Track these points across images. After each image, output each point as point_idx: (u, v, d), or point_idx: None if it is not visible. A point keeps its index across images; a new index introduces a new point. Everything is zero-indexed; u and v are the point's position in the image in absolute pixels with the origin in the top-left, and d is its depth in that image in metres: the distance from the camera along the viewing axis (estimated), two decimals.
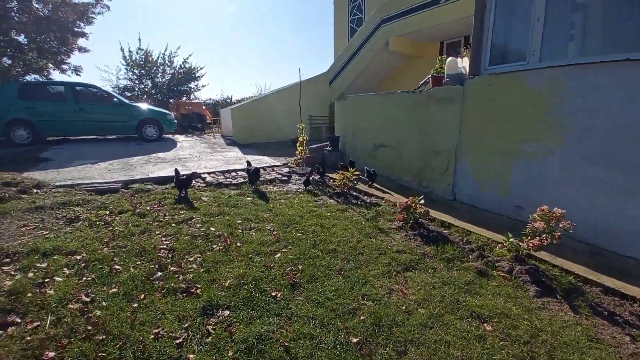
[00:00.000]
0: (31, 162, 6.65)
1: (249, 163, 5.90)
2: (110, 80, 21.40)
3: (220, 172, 6.26)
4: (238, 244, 3.26)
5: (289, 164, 7.10)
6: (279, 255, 3.10)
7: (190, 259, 2.92)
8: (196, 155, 8.20)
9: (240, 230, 3.61)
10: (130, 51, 19.56)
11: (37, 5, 14.30)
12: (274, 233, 3.60)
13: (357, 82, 11.65)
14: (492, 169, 4.63)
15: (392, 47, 9.78)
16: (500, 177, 4.52)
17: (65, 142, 9.49)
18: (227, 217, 3.96)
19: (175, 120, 10.90)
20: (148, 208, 4.21)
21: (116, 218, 3.81)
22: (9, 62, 15.62)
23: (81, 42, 16.45)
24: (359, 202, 5.09)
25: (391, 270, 2.97)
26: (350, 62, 11.46)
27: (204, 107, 17.97)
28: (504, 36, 4.81)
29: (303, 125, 6.81)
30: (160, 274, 2.62)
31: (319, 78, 12.33)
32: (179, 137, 11.77)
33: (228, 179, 5.82)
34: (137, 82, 20.21)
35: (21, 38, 14.90)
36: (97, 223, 3.60)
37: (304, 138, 6.76)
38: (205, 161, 7.43)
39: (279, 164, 7.15)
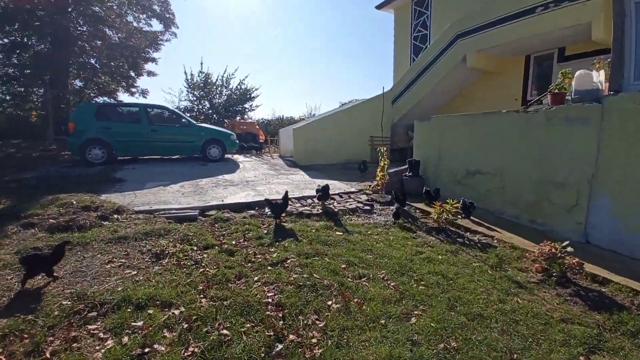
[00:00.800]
0: (107, 182, 6.62)
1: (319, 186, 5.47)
2: (173, 101, 22.44)
3: (295, 198, 5.75)
4: (356, 300, 2.62)
5: (366, 191, 6.44)
6: (414, 320, 2.40)
7: (308, 322, 2.31)
8: (262, 178, 7.84)
9: (350, 279, 2.97)
10: (192, 74, 20.46)
11: (109, 32, 15.32)
12: (392, 285, 2.92)
13: (424, 101, 10.88)
14: None
15: (471, 63, 8.96)
16: None
17: (135, 161, 9.64)
18: (327, 260, 3.35)
19: (237, 141, 10.78)
20: (234, 243, 3.74)
21: (204, 255, 3.36)
22: (80, 84, 16.78)
23: (149, 66, 17.43)
24: (466, 241, 4.30)
25: (575, 355, 2.16)
26: (417, 80, 10.76)
27: (257, 127, 18.09)
28: None
29: (384, 149, 6.15)
30: (280, 346, 2.02)
31: (380, 97, 11.70)
32: (239, 158, 11.64)
33: (307, 208, 5.28)
34: (196, 103, 20.99)
35: (93, 61, 15.98)
36: (185, 262, 3.16)
37: (385, 162, 6.09)
38: (274, 185, 7.01)
39: (354, 190, 6.52)
